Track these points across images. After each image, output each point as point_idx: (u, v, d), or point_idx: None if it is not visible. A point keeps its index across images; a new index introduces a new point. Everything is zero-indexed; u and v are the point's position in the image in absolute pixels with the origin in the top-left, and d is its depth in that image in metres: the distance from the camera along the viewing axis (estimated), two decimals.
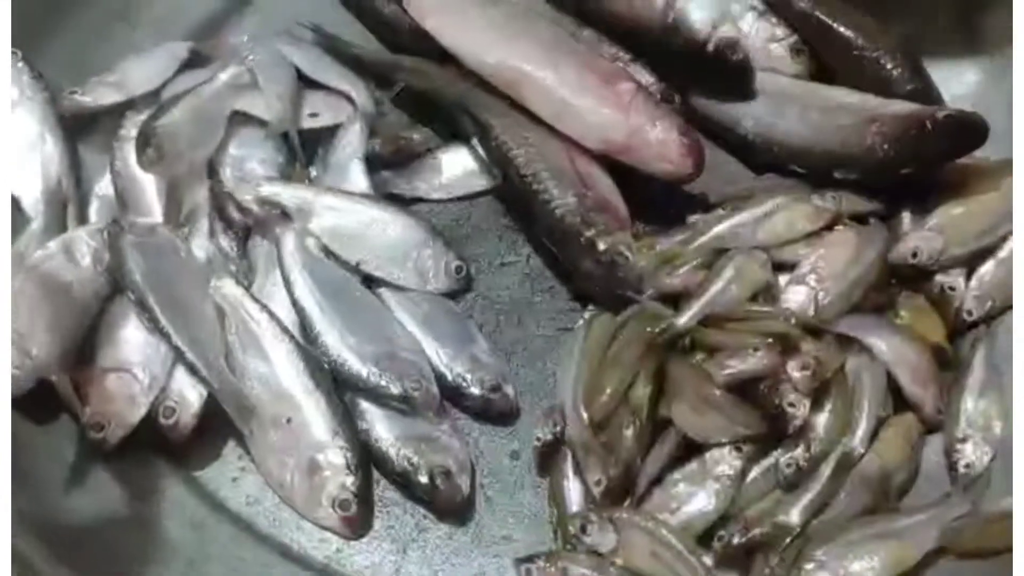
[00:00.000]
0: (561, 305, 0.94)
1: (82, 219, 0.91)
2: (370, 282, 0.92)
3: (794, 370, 0.82)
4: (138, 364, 0.83)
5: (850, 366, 0.86)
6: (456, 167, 1.00)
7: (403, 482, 0.83)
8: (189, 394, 0.83)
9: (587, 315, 0.91)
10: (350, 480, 0.81)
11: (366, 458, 0.83)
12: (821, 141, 0.94)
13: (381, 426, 0.84)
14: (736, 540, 0.79)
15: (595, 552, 0.79)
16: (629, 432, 0.82)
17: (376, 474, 0.85)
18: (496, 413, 0.87)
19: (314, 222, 0.91)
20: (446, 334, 0.90)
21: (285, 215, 0.92)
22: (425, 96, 1.00)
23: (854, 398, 0.85)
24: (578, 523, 0.80)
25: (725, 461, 0.82)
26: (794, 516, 0.80)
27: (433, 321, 0.91)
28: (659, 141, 0.90)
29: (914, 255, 0.89)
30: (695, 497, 0.81)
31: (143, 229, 0.88)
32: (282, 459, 0.82)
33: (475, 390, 0.87)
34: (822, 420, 0.83)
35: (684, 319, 0.85)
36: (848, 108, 0.94)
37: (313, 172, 0.97)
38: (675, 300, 0.88)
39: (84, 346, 0.84)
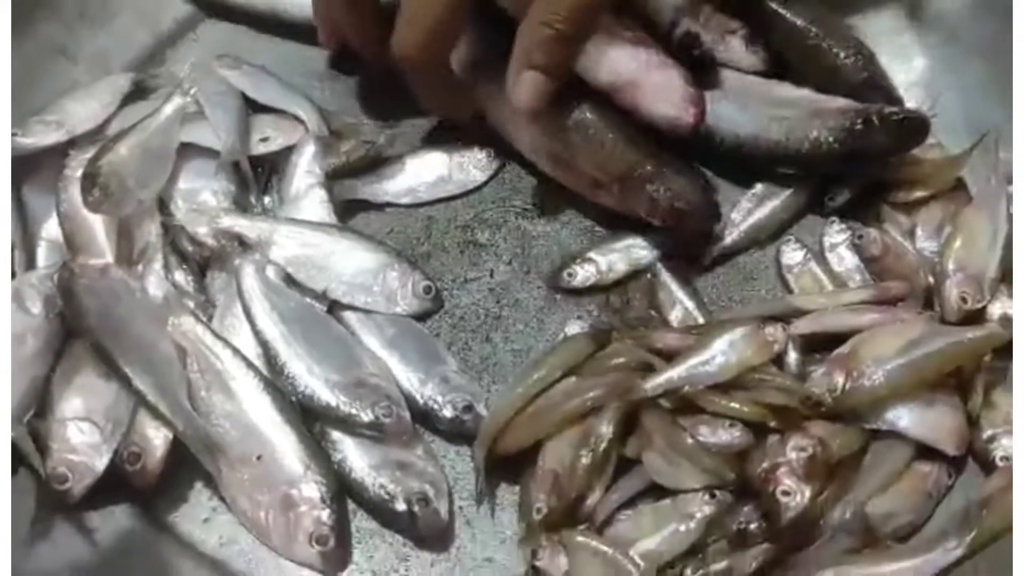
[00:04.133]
0: (528, 318, 0.93)
1: (30, 264, 0.88)
2: (332, 308, 0.90)
3: (792, 451, 0.77)
4: (98, 411, 0.80)
5: (873, 448, 0.81)
6: (424, 173, 0.98)
7: (380, 511, 0.82)
8: (153, 437, 0.80)
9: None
10: (326, 514, 0.79)
11: (341, 490, 0.81)
12: (764, 134, 0.93)
13: (354, 455, 0.82)
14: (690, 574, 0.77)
15: None
16: (581, 464, 0.79)
17: (352, 504, 0.83)
18: (470, 434, 0.86)
19: (275, 251, 0.89)
20: (414, 356, 0.88)
21: (243, 245, 0.90)
22: None
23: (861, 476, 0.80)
24: (529, 548, 0.78)
25: (696, 504, 0.79)
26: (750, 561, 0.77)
27: (400, 344, 0.89)
28: (663, 84, 0.89)
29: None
30: (660, 532, 0.78)
31: (95, 271, 0.85)
32: (255, 497, 0.80)
33: (447, 412, 0.85)
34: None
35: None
36: (792, 103, 0.94)
37: (267, 200, 0.95)
38: None
39: (41, 396, 0.81)
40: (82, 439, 0.79)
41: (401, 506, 0.80)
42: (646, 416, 0.81)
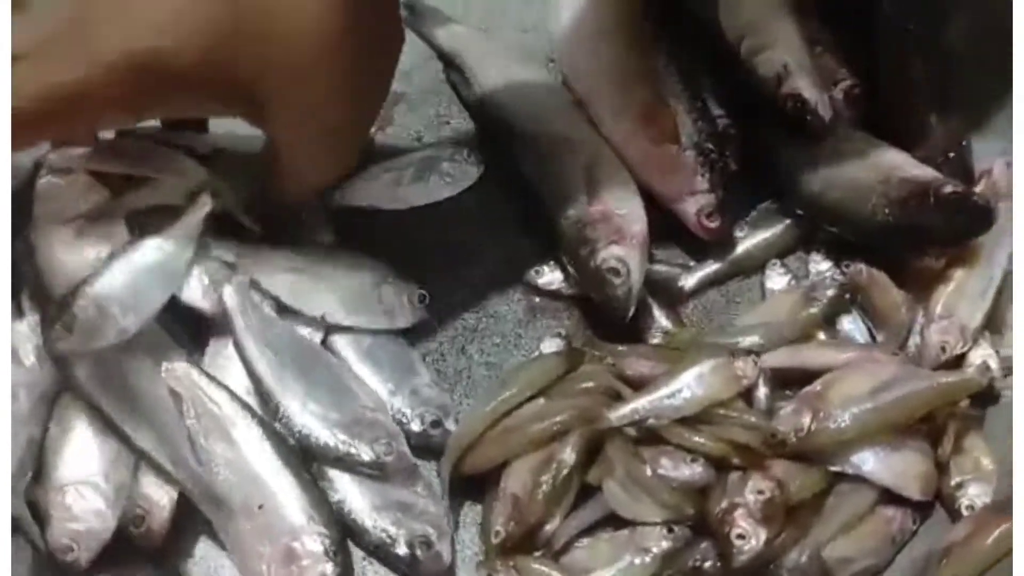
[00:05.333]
0: (506, 331, 0.93)
1: (18, 312, 0.81)
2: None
3: (751, 492, 0.76)
4: (98, 473, 0.76)
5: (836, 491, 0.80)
6: (406, 178, 0.94)
7: (382, 554, 0.82)
8: (158, 496, 0.78)
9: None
10: (330, 568, 0.78)
11: (344, 539, 0.81)
12: (832, 190, 0.89)
13: (353, 496, 0.82)
14: None
15: None
16: (542, 490, 0.80)
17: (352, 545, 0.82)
18: (437, 448, 0.86)
19: (266, 280, 0.86)
20: (388, 367, 0.87)
21: (229, 266, 0.85)
22: None
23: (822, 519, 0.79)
24: (485, 573, 0.80)
25: (654, 538, 0.79)
26: None
27: (376, 354, 0.88)
28: (684, 212, 0.91)
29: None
30: (616, 564, 0.79)
31: None
32: (257, 549, 0.78)
33: (415, 426, 0.85)
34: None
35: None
36: (867, 165, 0.88)
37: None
38: None
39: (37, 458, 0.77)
40: (84, 505, 0.75)
41: (403, 550, 0.80)
42: (609, 445, 0.81)
